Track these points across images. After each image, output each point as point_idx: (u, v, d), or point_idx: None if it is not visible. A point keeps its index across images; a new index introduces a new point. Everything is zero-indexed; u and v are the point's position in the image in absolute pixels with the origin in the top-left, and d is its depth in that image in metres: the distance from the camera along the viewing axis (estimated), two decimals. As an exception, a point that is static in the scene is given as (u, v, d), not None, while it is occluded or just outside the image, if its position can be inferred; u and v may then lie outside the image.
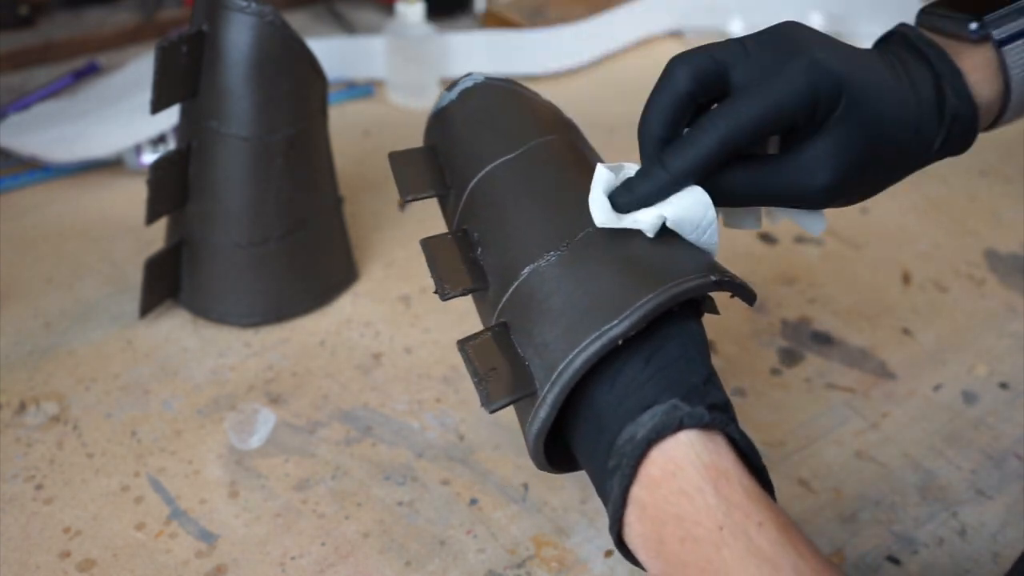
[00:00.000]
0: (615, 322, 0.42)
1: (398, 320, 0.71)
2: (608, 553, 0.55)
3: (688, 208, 0.45)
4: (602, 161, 0.54)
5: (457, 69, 1.02)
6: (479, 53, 1.03)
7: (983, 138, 0.51)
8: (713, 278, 0.44)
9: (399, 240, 0.79)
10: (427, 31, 0.97)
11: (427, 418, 0.63)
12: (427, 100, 0.99)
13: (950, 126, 0.48)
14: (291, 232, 0.68)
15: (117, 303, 0.71)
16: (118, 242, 0.77)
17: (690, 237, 0.46)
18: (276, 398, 0.64)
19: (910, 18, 0.54)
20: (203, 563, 0.53)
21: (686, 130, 0.47)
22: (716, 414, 0.42)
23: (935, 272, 0.78)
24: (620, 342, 0.42)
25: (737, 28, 1.13)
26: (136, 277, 0.69)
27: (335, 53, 0.99)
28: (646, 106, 0.47)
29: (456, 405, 0.64)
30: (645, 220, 0.45)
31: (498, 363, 0.45)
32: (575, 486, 0.59)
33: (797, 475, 0.60)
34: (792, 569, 0.37)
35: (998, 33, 0.49)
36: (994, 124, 0.52)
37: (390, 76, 0.99)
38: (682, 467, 0.40)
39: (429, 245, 0.50)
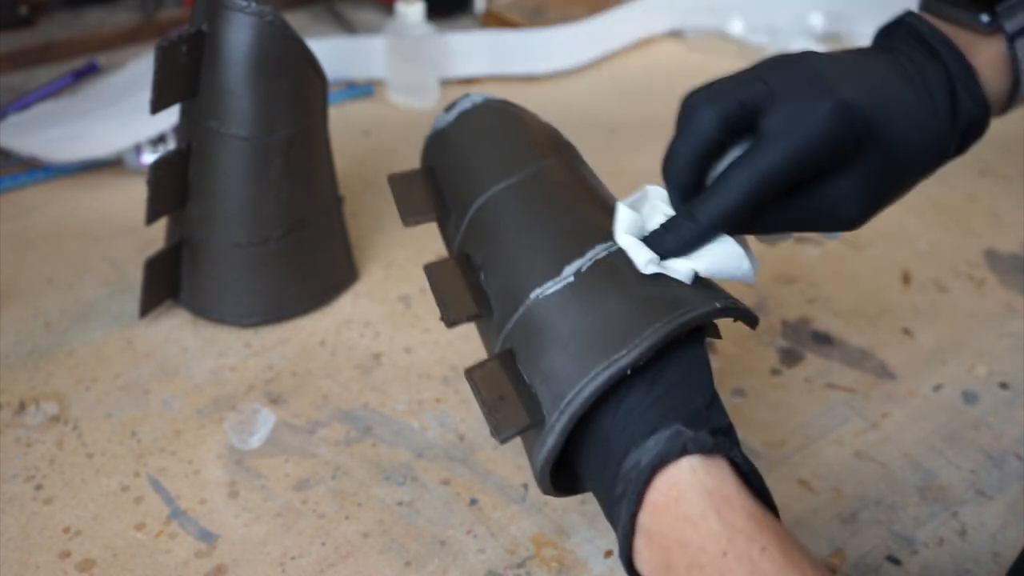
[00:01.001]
0: (624, 352, 0.42)
1: (398, 320, 0.71)
2: (608, 553, 0.55)
3: (721, 261, 0.46)
4: (599, 182, 0.54)
5: (457, 69, 1.02)
6: (479, 53, 1.03)
7: (983, 138, 0.51)
8: (718, 305, 0.44)
9: (399, 240, 0.79)
10: (427, 31, 0.97)
11: (427, 418, 0.63)
12: (427, 100, 0.99)
13: (964, 131, 0.48)
14: (291, 232, 0.68)
15: (117, 303, 0.71)
16: (118, 242, 0.77)
17: (731, 275, 0.47)
18: (276, 398, 0.64)
19: None
20: (203, 563, 0.53)
21: (716, 173, 0.46)
22: (719, 438, 0.42)
23: (935, 272, 0.78)
24: (628, 371, 0.42)
25: (737, 28, 1.13)
26: (136, 277, 0.69)
27: (335, 53, 0.99)
28: (672, 151, 0.46)
29: (456, 405, 0.64)
30: (681, 270, 0.46)
31: (506, 391, 0.45)
32: (575, 486, 0.59)
33: (797, 475, 0.60)
34: None
35: (1011, 25, 0.48)
36: (997, 115, 0.52)
37: (390, 76, 0.99)
38: (685, 493, 0.40)
39: (432, 271, 0.50)
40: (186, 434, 0.61)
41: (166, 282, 0.69)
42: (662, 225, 0.46)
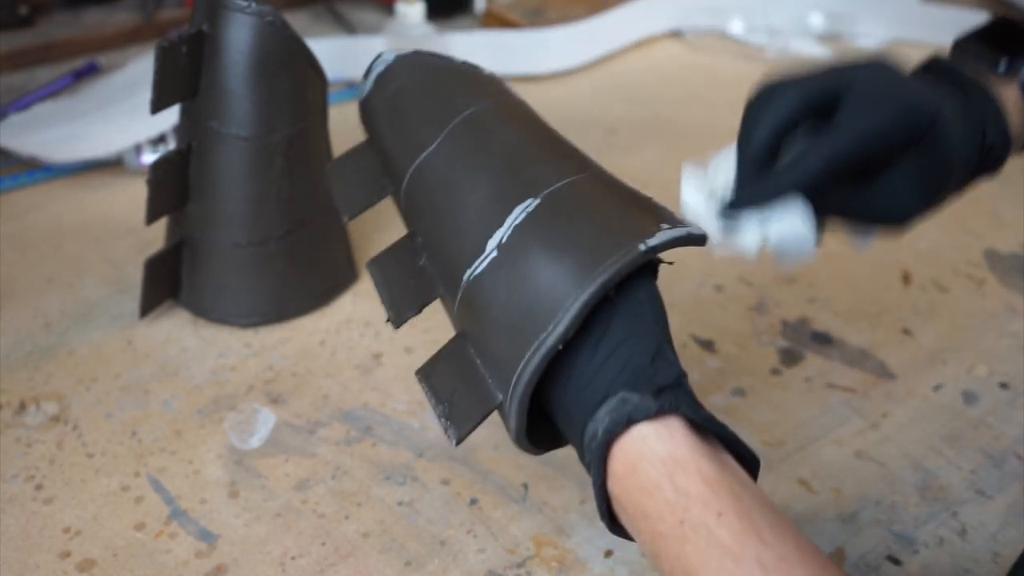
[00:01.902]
0: (548, 330, 0.41)
1: (398, 320, 0.71)
2: (608, 553, 0.55)
3: (790, 231, 0.46)
4: (537, 119, 0.51)
5: (457, 69, 1.02)
6: (479, 53, 1.03)
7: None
8: (641, 248, 0.41)
9: (399, 240, 0.79)
10: (427, 31, 0.97)
11: (427, 418, 0.63)
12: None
13: (985, 158, 0.51)
14: (291, 232, 0.68)
15: (117, 303, 0.71)
16: (118, 242, 0.77)
17: (791, 254, 0.47)
18: (276, 398, 0.64)
19: (910, 18, 0.55)
20: (203, 563, 0.53)
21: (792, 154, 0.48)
22: (665, 397, 0.41)
23: (935, 272, 0.78)
24: (560, 347, 0.41)
25: (737, 28, 1.13)
26: (136, 277, 0.69)
27: (335, 53, 0.99)
28: (752, 125, 0.47)
29: (456, 405, 0.64)
30: (750, 239, 0.46)
31: (458, 384, 0.45)
32: (575, 486, 0.59)
33: (797, 475, 0.60)
34: (754, 560, 0.37)
35: None
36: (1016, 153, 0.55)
37: (390, 76, 0.99)
38: (638, 463, 0.40)
39: (376, 266, 0.49)
40: (186, 434, 0.61)
41: (166, 282, 0.69)
42: (738, 181, 0.47)
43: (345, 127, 0.91)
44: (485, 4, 1.15)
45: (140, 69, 0.93)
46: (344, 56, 1.01)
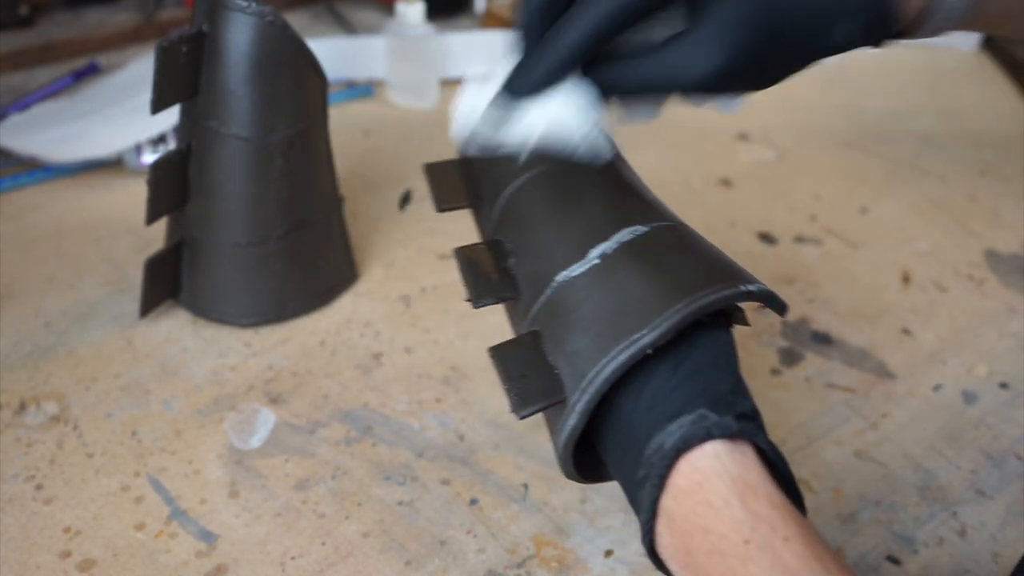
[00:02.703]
0: (644, 331, 0.42)
1: (398, 320, 0.71)
2: (608, 553, 0.55)
3: (569, 114, 0.45)
4: (630, 169, 0.54)
5: (457, 69, 1.02)
6: (479, 53, 1.03)
7: (983, 137, 0.51)
8: (743, 288, 0.44)
9: (399, 240, 0.79)
10: (427, 31, 0.97)
11: (427, 418, 0.63)
12: (427, 100, 0.99)
13: (855, 12, 0.44)
14: (291, 232, 0.68)
15: (117, 303, 0.71)
16: (118, 242, 0.77)
17: (575, 138, 0.46)
18: (276, 398, 0.64)
19: None
20: (203, 563, 0.53)
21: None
22: (744, 423, 0.42)
23: (935, 272, 0.78)
24: (650, 351, 0.42)
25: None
26: (136, 277, 0.69)
27: (335, 53, 0.99)
28: (523, 4, 0.45)
29: (456, 405, 0.64)
30: (524, 126, 0.46)
31: (528, 370, 0.45)
32: (575, 486, 0.59)
33: (797, 475, 0.59)
34: None
35: None
36: (916, 29, 0.47)
37: (390, 76, 0.99)
38: (709, 478, 0.40)
39: (462, 253, 0.51)
40: (186, 434, 0.61)
41: (166, 282, 0.69)
42: (521, 55, 0.46)
43: (345, 127, 0.92)
44: (485, 4, 1.15)
45: (140, 69, 0.93)
46: (344, 56, 1.01)
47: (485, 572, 0.54)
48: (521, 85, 0.45)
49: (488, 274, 0.50)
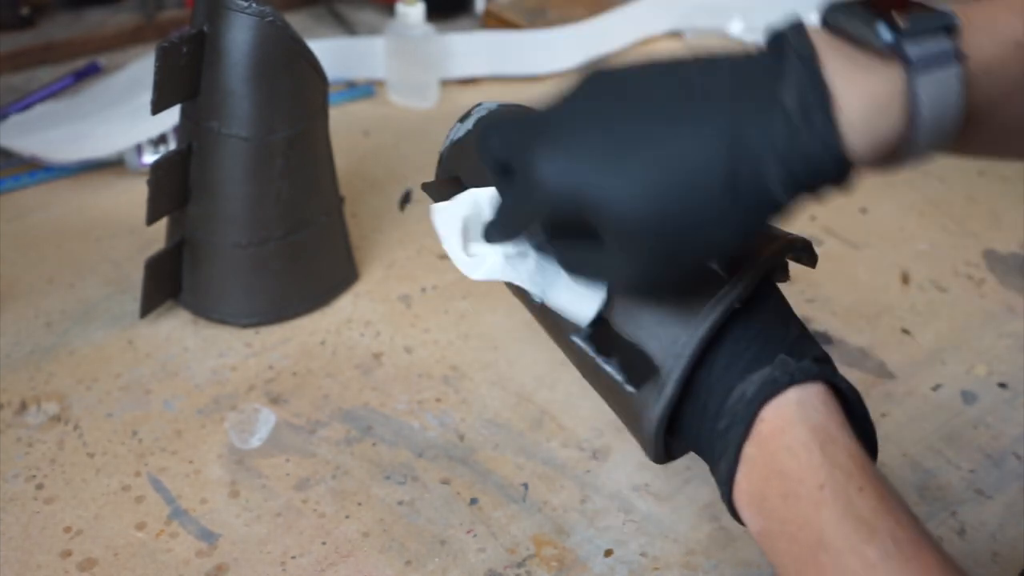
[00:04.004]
0: (726, 288, 0.44)
1: (398, 320, 0.71)
2: (608, 553, 0.55)
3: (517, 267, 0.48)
4: None
5: (457, 69, 1.02)
6: (479, 53, 1.03)
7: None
8: (796, 236, 0.46)
9: (399, 240, 0.79)
10: (427, 31, 0.97)
11: (427, 418, 0.63)
12: (427, 100, 0.99)
13: (803, 178, 0.38)
14: (291, 232, 0.68)
15: (118, 303, 0.71)
16: (119, 242, 0.77)
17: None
18: (276, 398, 0.64)
19: None
20: (203, 562, 0.53)
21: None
22: (822, 365, 0.43)
23: (934, 272, 0.79)
24: (738, 305, 0.43)
25: (737, 28, 1.13)
26: (137, 277, 0.70)
27: (335, 53, 0.99)
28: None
29: (456, 405, 0.64)
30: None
31: (613, 350, 0.46)
32: (575, 486, 0.59)
33: (796, 475, 0.60)
34: (889, 535, 0.38)
35: (916, 52, 0.37)
36: (888, 164, 0.40)
37: (390, 76, 1.00)
38: (791, 423, 0.41)
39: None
40: (187, 434, 0.61)
41: (167, 282, 0.69)
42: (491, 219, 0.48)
43: (345, 127, 0.92)
44: (485, 4, 1.15)
45: (141, 69, 0.93)
46: (344, 56, 1.01)
47: (485, 572, 0.54)
48: (492, 236, 0.47)
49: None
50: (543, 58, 1.05)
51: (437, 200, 0.52)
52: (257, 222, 0.67)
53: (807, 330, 0.46)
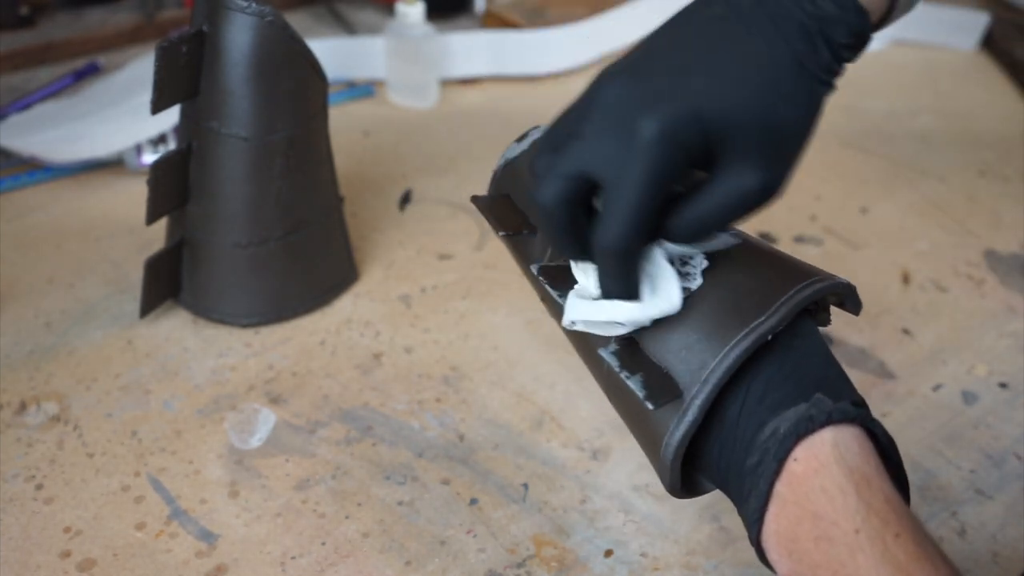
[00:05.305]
0: (762, 318, 0.43)
1: (398, 320, 0.71)
2: (608, 553, 0.55)
3: (660, 291, 0.46)
4: None
5: (457, 69, 1.02)
6: (479, 53, 1.03)
7: (983, 137, 0.50)
8: (840, 280, 0.45)
9: (399, 240, 0.79)
10: (427, 31, 0.97)
11: (427, 418, 0.63)
12: (427, 100, 0.99)
13: (842, 46, 0.43)
14: (291, 232, 0.68)
15: (118, 303, 0.71)
16: (118, 242, 0.77)
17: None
18: (276, 398, 0.64)
19: (909, 18, 0.52)
20: (203, 563, 0.53)
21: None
22: (860, 409, 0.42)
23: (935, 272, 0.79)
24: (769, 337, 0.43)
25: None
26: (136, 277, 0.70)
27: (335, 53, 0.99)
28: (550, 239, 0.45)
29: (456, 405, 0.64)
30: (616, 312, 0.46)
31: (638, 368, 0.45)
32: (575, 486, 0.59)
33: (797, 475, 0.60)
34: None
35: None
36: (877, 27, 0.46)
37: (390, 76, 0.99)
38: (826, 465, 0.40)
39: (543, 271, 0.50)
40: (186, 434, 0.61)
41: (166, 282, 0.69)
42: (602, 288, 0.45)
43: (345, 127, 0.92)
44: (485, 4, 1.15)
45: (140, 69, 0.93)
46: (344, 56, 1.01)
47: (485, 572, 0.54)
48: (618, 293, 0.45)
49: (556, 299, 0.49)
50: (543, 58, 1.05)
51: (486, 209, 0.52)
52: (257, 222, 0.67)
53: (846, 375, 0.45)
